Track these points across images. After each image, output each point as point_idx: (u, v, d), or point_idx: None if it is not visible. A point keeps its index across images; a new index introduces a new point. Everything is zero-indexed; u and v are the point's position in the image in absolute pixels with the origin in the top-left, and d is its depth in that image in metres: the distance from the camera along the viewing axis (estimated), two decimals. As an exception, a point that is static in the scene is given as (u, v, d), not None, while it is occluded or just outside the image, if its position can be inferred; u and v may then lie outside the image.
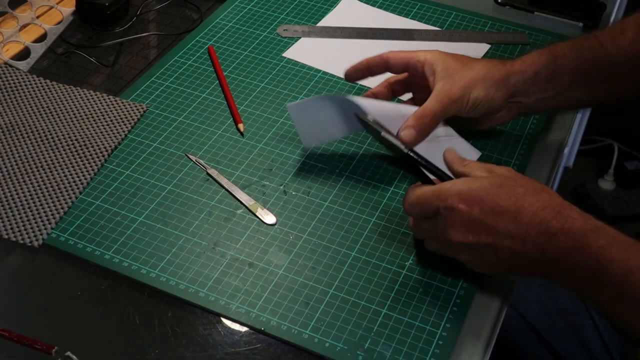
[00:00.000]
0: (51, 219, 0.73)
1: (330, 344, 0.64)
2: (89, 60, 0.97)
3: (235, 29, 1.02)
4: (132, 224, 0.74)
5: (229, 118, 0.87)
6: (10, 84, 0.89)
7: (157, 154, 0.82)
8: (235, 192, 0.78)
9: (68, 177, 0.78)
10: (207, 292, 0.68)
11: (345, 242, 0.73)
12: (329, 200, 0.78)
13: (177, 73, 0.94)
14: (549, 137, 0.89)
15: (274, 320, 0.66)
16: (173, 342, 0.64)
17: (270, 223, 0.75)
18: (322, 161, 0.82)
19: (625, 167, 2.03)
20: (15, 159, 0.79)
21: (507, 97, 0.78)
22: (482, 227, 0.64)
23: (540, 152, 0.87)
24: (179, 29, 1.04)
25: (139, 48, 1.00)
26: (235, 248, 0.72)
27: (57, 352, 0.62)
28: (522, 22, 1.08)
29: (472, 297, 0.69)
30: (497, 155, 0.84)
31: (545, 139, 0.89)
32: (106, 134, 0.83)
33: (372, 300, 0.68)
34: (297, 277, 0.70)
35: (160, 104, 0.89)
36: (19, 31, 0.98)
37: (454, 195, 0.64)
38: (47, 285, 0.69)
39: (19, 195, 0.75)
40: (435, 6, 1.09)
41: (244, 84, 0.93)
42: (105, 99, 0.88)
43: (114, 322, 0.66)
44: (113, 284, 0.69)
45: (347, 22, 1.05)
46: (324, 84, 0.93)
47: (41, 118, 0.85)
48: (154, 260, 0.70)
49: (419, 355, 0.64)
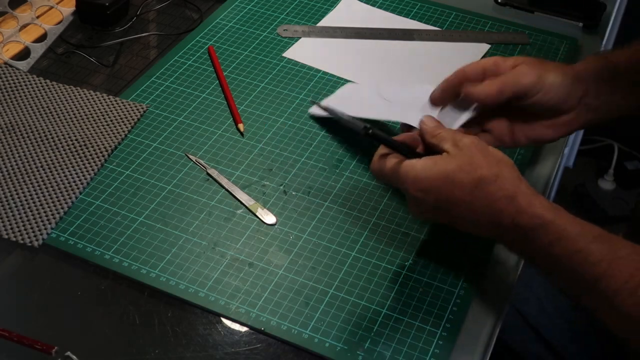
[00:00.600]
0: (51, 219, 0.73)
1: (330, 344, 0.64)
2: (89, 60, 0.97)
3: (235, 29, 1.02)
4: (132, 224, 0.74)
5: (229, 118, 0.87)
6: (10, 84, 0.89)
7: (157, 154, 0.82)
8: (235, 192, 0.78)
9: (68, 177, 0.78)
10: (207, 292, 0.68)
11: (345, 242, 0.73)
12: (329, 200, 0.78)
13: (177, 73, 0.94)
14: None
15: (274, 320, 0.66)
16: (173, 342, 0.64)
17: (270, 223, 0.75)
18: (322, 161, 0.82)
19: (625, 167, 2.03)
20: (15, 159, 0.79)
21: (581, 94, 0.74)
22: (440, 212, 0.66)
23: (540, 152, 0.87)
24: (179, 29, 1.04)
25: (139, 48, 1.00)
26: (235, 248, 0.72)
27: (57, 352, 0.62)
28: (522, 22, 1.08)
29: (472, 297, 0.69)
30: (497, 155, 0.84)
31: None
32: (106, 134, 0.83)
33: (372, 300, 0.68)
34: (297, 277, 0.70)
35: (160, 104, 0.89)
36: (19, 31, 0.98)
37: (411, 182, 0.65)
38: (47, 285, 0.69)
39: (19, 195, 0.75)
40: (435, 6, 1.09)
41: (244, 84, 0.93)
42: (105, 99, 0.88)
43: (114, 322, 0.66)
44: (113, 284, 0.69)
45: (347, 22, 1.05)
46: (324, 84, 0.93)
47: (41, 118, 0.85)
48: (154, 260, 0.70)
49: (419, 355, 0.64)
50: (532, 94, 0.72)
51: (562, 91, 0.73)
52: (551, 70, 0.73)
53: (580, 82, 0.74)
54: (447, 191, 0.64)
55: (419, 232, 0.75)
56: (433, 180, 0.64)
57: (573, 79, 0.74)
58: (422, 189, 0.64)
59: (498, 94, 0.71)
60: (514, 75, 0.72)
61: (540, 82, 0.72)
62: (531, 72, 0.72)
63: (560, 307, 0.92)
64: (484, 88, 0.71)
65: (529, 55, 0.99)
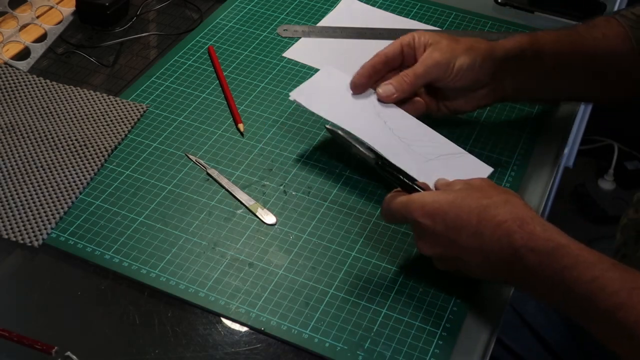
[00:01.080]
0: (51, 219, 0.73)
1: (330, 344, 0.64)
2: (89, 60, 0.97)
3: (235, 29, 1.02)
4: (132, 224, 0.74)
5: (229, 118, 0.87)
6: (10, 84, 0.89)
7: (157, 154, 0.82)
8: (235, 192, 0.78)
9: (68, 177, 0.78)
10: (207, 292, 0.68)
11: (345, 242, 0.73)
12: (329, 200, 0.78)
13: (177, 73, 0.94)
14: (549, 137, 0.89)
15: (274, 320, 0.66)
16: (173, 342, 0.64)
17: (270, 223, 0.75)
18: (322, 161, 0.82)
19: (625, 167, 2.03)
20: (15, 159, 0.79)
21: (492, 71, 0.79)
22: (447, 242, 0.64)
23: (540, 152, 0.87)
24: (179, 29, 1.04)
25: (139, 48, 1.00)
26: (235, 248, 0.72)
27: (57, 352, 0.62)
28: (522, 22, 1.08)
29: (472, 297, 0.69)
30: (497, 155, 0.84)
31: (545, 139, 0.88)
32: (106, 134, 0.83)
33: (372, 300, 0.68)
34: (297, 277, 0.70)
35: (160, 104, 0.89)
36: (19, 31, 0.98)
37: (419, 209, 0.64)
38: (47, 285, 0.69)
39: (19, 195, 0.75)
40: (435, 6, 1.09)
41: (244, 84, 0.93)
42: (105, 99, 0.88)
43: (114, 322, 0.66)
44: (113, 284, 0.69)
45: (347, 22, 1.04)
46: (324, 84, 0.93)
47: (41, 118, 0.85)
48: (154, 260, 0.70)
49: (419, 355, 0.64)
50: (441, 79, 0.78)
51: (470, 74, 0.78)
52: (461, 52, 0.77)
53: (492, 61, 0.78)
54: (454, 215, 0.62)
55: (419, 232, 0.75)
56: (440, 205, 0.63)
57: (484, 59, 0.78)
58: (428, 214, 0.64)
59: (411, 87, 0.78)
60: (424, 66, 0.77)
61: (449, 67, 0.77)
62: (441, 58, 0.77)
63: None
64: (399, 86, 0.78)
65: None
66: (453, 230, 0.63)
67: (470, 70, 0.77)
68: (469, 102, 0.82)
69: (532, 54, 0.79)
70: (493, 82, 0.80)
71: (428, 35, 0.79)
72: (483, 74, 0.79)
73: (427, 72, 0.77)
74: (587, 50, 0.81)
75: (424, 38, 0.79)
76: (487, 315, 0.68)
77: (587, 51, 0.81)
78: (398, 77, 0.78)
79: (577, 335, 0.90)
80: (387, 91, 0.78)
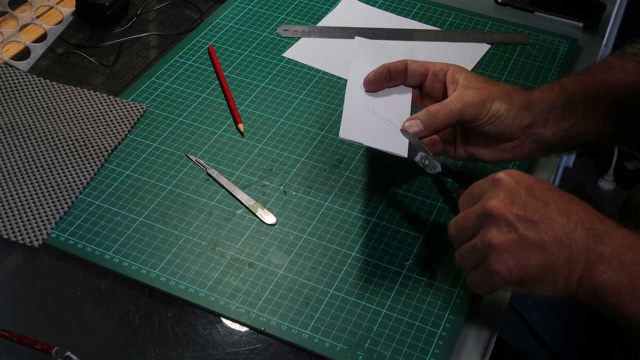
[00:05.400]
0: (51, 219, 0.73)
1: (330, 344, 0.64)
2: (89, 60, 0.97)
3: (235, 29, 1.02)
4: (132, 224, 0.74)
5: (229, 118, 0.87)
6: (10, 84, 0.89)
7: (157, 154, 0.82)
8: (235, 192, 0.78)
9: (68, 177, 0.78)
10: (207, 292, 0.68)
11: (345, 242, 0.73)
12: (329, 200, 0.78)
13: (177, 73, 0.94)
14: (549, 137, 0.89)
15: (274, 320, 0.66)
16: (173, 342, 0.64)
17: (270, 223, 0.75)
18: (322, 161, 0.82)
19: (625, 167, 2.03)
20: (15, 159, 0.79)
21: (527, 124, 0.72)
22: (530, 205, 0.59)
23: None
24: (179, 29, 1.04)
25: (139, 48, 1.00)
26: (235, 248, 0.72)
27: (57, 352, 0.62)
28: (522, 22, 1.08)
29: (472, 297, 0.69)
30: (497, 155, 0.84)
31: (545, 139, 0.88)
32: (106, 134, 0.83)
33: (372, 300, 0.68)
34: (297, 277, 0.70)
35: (160, 104, 0.89)
36: (19, 31, 0.98)
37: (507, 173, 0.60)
38: (47, 285, 0.69)
39: (19, 195, 0.75)
40: (435, 6, 1.09)
41: (244, 84, 0.93)
42: (105, 99, 0.88)
43: (114, 322, 0.66)
44: (113, 284, 0.69)
45: (347, 22, 1.05)
46: (324, 84, 0.93)
47: (41, 118, 0.85)
48: (154, 260, 0.70)
49: (419, 355, 0.64)
50: (473, 121, 0.71)
51: (504, 122, 0.71)
52: (497, 98, 0.71)
53: (528, 112, 0.72)
54: (543, 189, 0.59)
55: (419, 232, 0.75)
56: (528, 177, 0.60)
57: (519, 109, 0.71)
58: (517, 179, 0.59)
59: (442, 125, 0.70)
60: (462, 104, 0.70)
61: (484, 110, 0.70)
62: (477, 98, 0.70)
63: (555, 304, 0.92)
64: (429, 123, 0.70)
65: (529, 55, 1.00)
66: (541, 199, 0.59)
67: (505, 117, 0.71)
68: (493, 152, 0.74)
69: (564, 103, 0.74)
70: (523, 136, 0.73)
71: (464, 71, 0.73)
72: (517, 125, 0.72)
73: (462, 110, 0.69)
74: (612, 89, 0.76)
75: (458, 74, 0.72)
76: (487, 315, 0.68)
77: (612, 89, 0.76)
78: (428, 112, 0.69)
79: (577, 336, 0.90)
80: (414, 126, 0.70)
